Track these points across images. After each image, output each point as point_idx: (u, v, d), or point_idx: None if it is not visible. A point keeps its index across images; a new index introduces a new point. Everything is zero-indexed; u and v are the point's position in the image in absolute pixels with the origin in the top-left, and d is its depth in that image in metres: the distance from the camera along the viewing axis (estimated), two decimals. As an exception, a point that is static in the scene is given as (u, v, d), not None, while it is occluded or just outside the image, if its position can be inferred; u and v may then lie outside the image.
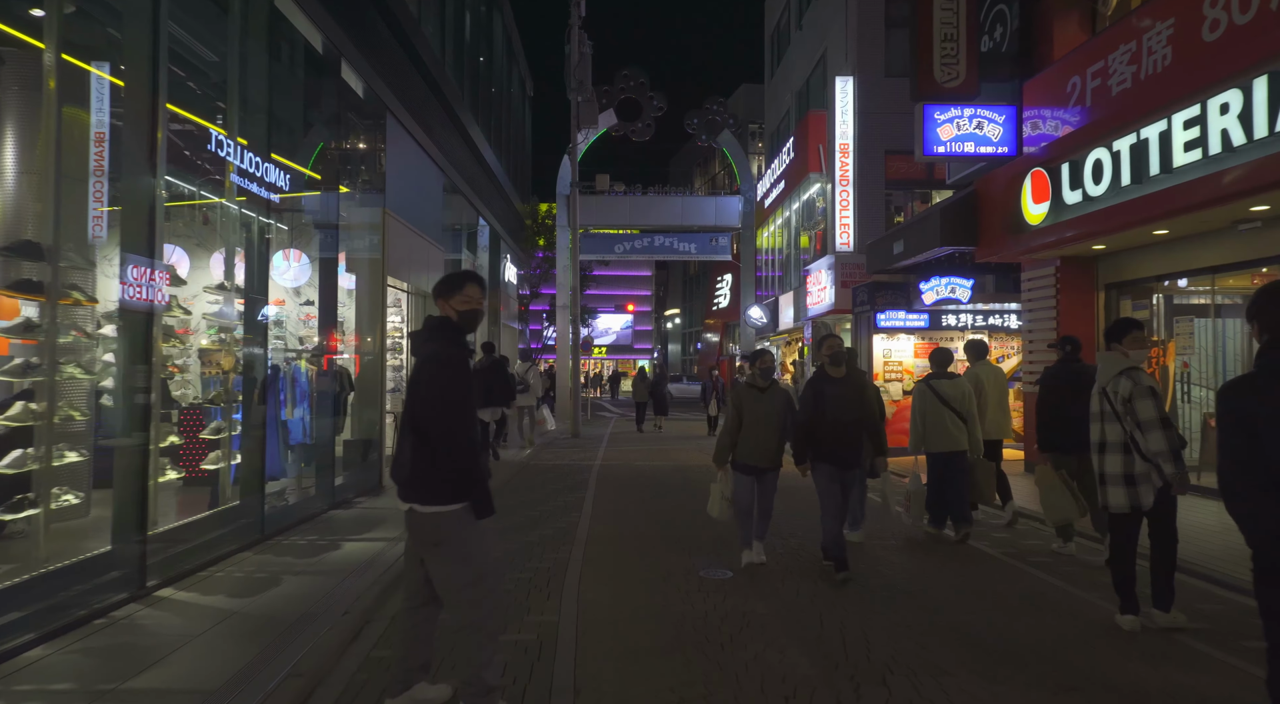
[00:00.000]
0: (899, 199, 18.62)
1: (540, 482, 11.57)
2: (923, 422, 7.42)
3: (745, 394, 6.37)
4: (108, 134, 5.98)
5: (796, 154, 21.35)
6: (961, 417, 7.36)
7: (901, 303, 14.65)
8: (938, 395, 7.39)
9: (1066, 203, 9.53)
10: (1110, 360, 5.00)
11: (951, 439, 7.35)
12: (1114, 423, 4.87)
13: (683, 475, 12.26)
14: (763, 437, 6.29)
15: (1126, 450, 4.82)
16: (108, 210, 6.01)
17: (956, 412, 7.34)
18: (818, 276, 19.10)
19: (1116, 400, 4.84)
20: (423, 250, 12.83)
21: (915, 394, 7.62)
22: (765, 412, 6.29)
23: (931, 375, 7.64)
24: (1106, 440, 4.89)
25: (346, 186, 9.46)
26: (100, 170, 6.01)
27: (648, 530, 7.96)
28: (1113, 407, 4.87)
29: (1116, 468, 4.83)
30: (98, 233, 6.05)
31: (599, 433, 20.86)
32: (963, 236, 11.90)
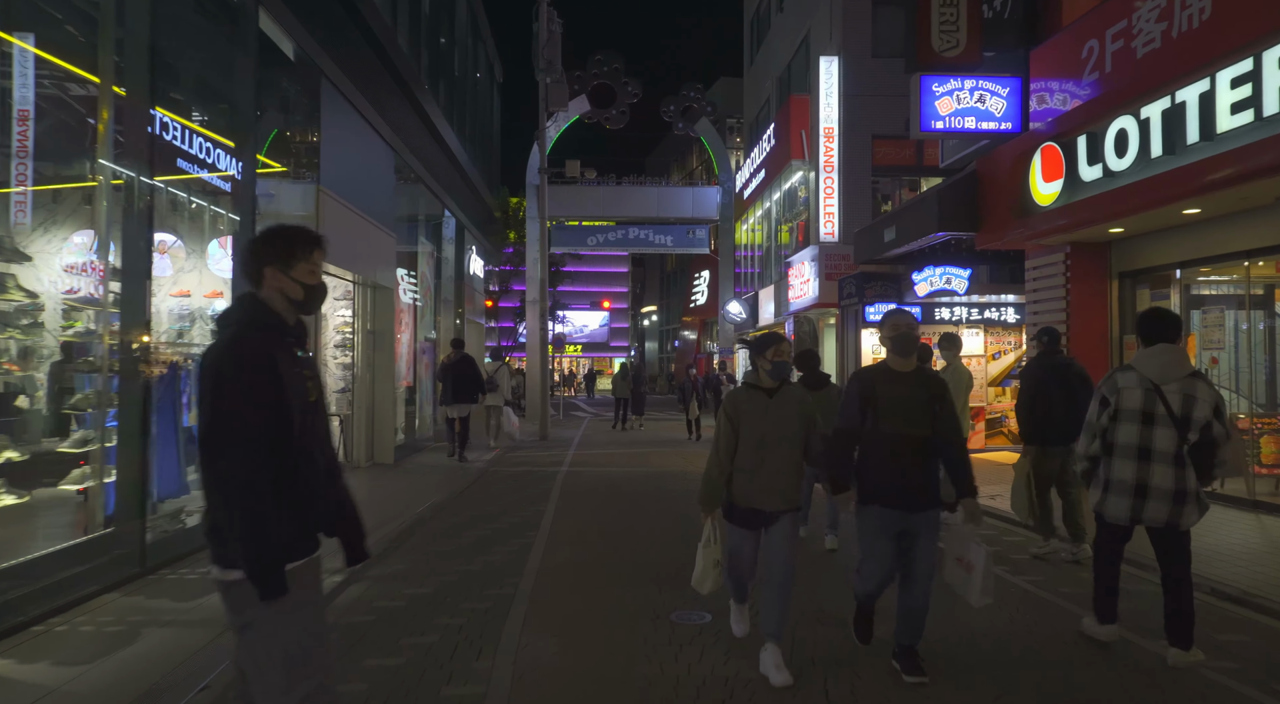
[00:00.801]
0: (886, 187, 17.65)
1: (497, 492, 10.42)
2: None
3: (744, 400, 4.12)
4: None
5: (777, 141, 20.33)
6: None
7: (892, 295, 13.64)
8: None
9: (1083, 180, 8.53)
10: (1179, 357, 4.27)
11: None
12: (1169, 428, 4.15)
13: (656, 484, 11.15)
14: (774, 464, 4.05)
15: (1179, 463, 4.14)
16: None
17: None
18: (800, 269, 18.08)
19: (1185, 405, 4.14)
20: (371, 238, 11.61)
21: None
22: (776, 425, 4.05)
23: None
24: (1153, 448, 4.18)
25: (268, 158, 8.25)
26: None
27: (613, 555, 6.83)
28: (1169, 410, 4.15)
29: (1167, 482, 4.14)
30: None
31: (569, 435, 19.71)
32: (962, 221, 10.88)
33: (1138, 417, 4.19)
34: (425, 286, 15.56)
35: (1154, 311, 4.42)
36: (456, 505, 9.37)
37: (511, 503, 9.54)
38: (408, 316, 14.05)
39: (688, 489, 10.53)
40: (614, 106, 25.05)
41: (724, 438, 4.13)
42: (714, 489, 4.15)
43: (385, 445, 12.68)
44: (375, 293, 12.67)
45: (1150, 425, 4.17)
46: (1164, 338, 4.28)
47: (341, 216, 10.20)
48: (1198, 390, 4.13)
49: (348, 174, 10.78)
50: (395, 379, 13.04)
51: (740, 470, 4.09)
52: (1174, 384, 4.16)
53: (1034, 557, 6.58)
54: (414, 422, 14.73)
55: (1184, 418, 4.11)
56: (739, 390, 4.22)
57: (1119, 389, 4.27)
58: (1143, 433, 4.18)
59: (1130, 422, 4.21)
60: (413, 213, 15.35)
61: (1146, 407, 4.18)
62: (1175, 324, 4.36)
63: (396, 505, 8.92)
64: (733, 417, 4.12)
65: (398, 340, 13.24)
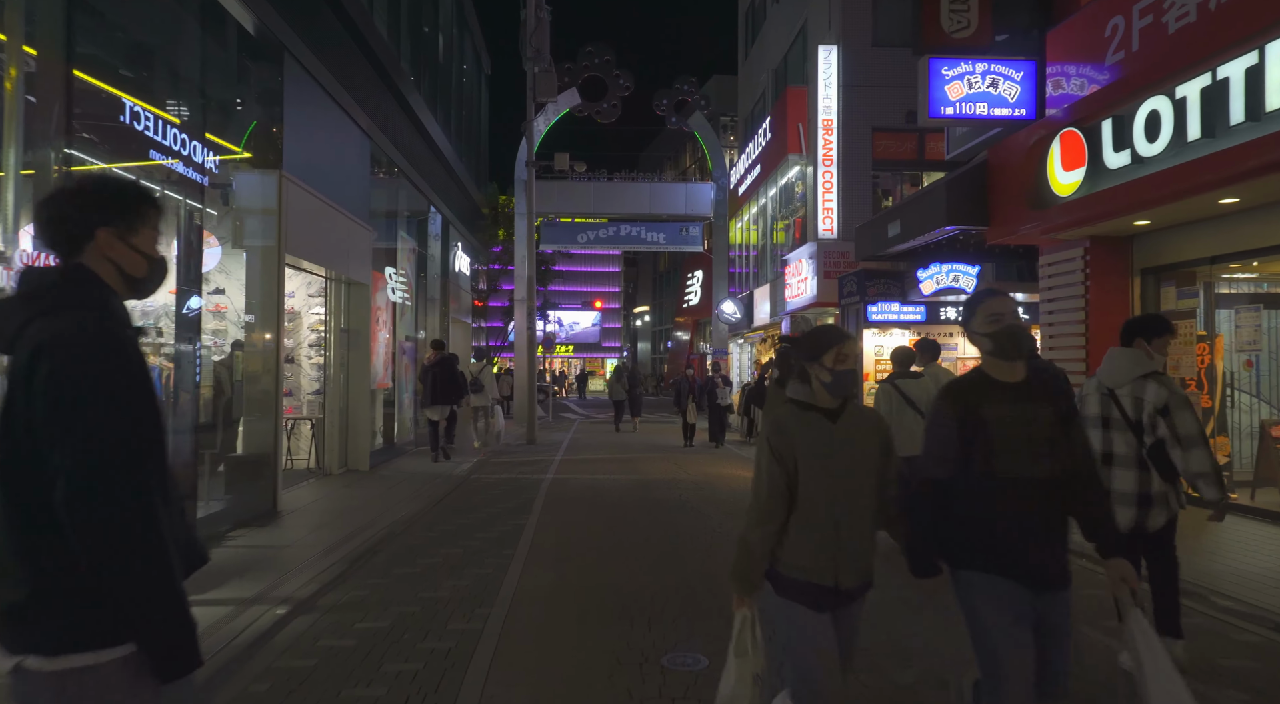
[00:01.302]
0: (886, 182, 17.02)
1: (477, 502, 9.72)
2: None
3: (796, 425, 2.73)
4: None
5: (774, 135, 19.67)
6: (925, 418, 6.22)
7: (895, 293, 13.00)
8: (903, 395, 6.89)
9: (1108, 167, 7.88)
10: (1130, 358, 4.21)
11: (915, 441, 6.51)
12: (1125, 432, 4.11)
13: (646, 494, 10.47)
14: (850, 518, 2.68)
15: (1142, 466, 4.07)
16: None
17: (921, 413, 6.82)
18: (797, 267, 17.43)
19: (1136, 407, 4.07)
20: (344, 231, 10.90)
21: (879, 394, 7.16)
22: (849, 463, 2.70)
23: (894, 374, 7.14)
24: (1114, 453, 4.14)
25: (222, 140, 7.54)
26: None
27: (597, 579, 6.15)
28: (1124, 413, 4.10)
29: (1129, 485, 4.08)
30: None
31: (558, 438, 19.02)
32: (972, 214, 10.23)
33: (1097, 423, 4.18)
34: (406, 284, 14.85)
35: (1138, 317, 4.41)
36: (431, 518, 8.67)
37: (490, 515, 8.84)
38: (386, 315, 13.35)
39: (680, 499, 9.85)
40: (605, 99, 24.34)
41: (770, 481, 2.67)
42: (753, 560, 2.70)
43: (360, 451, 11.97)
44: (350, 289, 11.96)
45: (1108, 430, 4.15)
46: (1124, 342, 4.28)
47: (309, 206, 9.50)
48: (1146, 392, 4.05)
49: (317, 162, 10.07)
50: (371, 380, 12.34)
51: (803, 528, 2.67)
52: (1126, 387, 4.12)
53: None
54: (393, 425, 14.02)
55: (1137, 421, 4.06)
56: (785, 412, 2.78)
57: (1083, 396, 4.27)
58: (1103, 438, 4.15)
59: (1091, 428, 4.17)
60: (395, 208, 14.65)
61: (1103, 412, 4.17)
62: (1139, 327, 4.31)
63: (366, 517, 8.22)
64: (781, 451, 2.67)
65: (374, 340, 12.54)
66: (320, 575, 5.94)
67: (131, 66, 6.54)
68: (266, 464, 8.43)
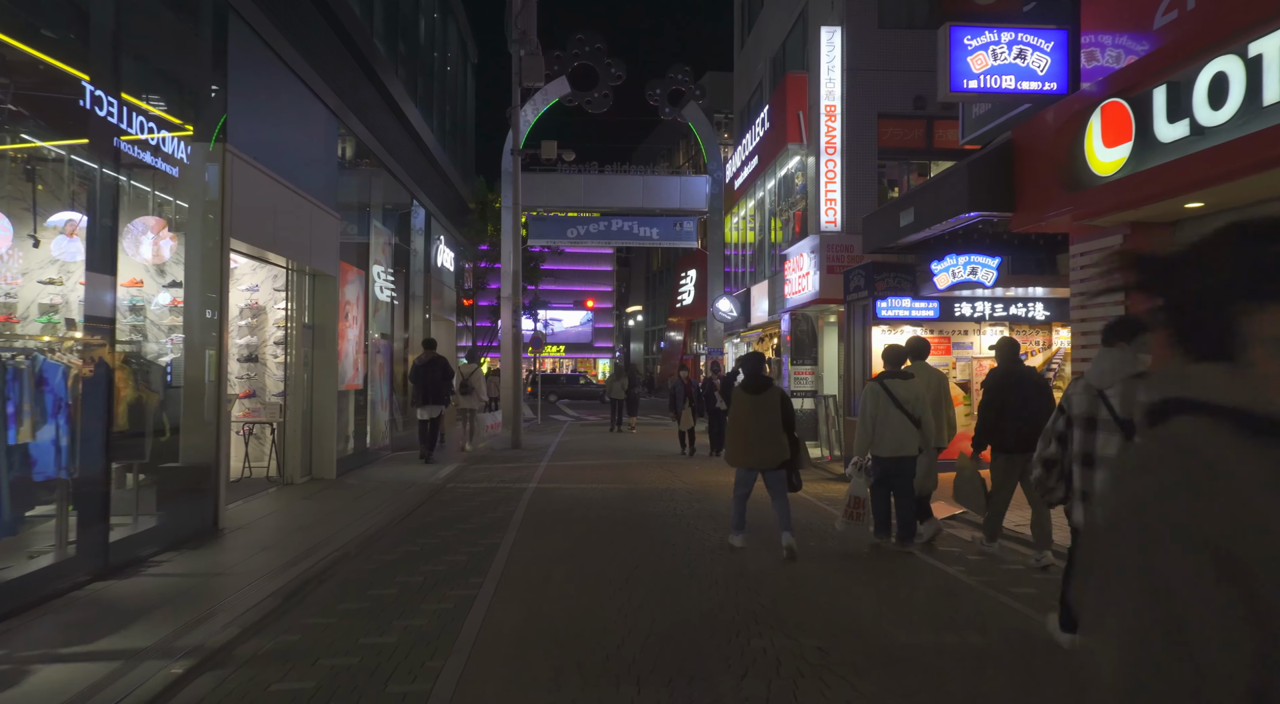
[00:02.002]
0: (893, 172, 16.10)
1: (450, 516, 8.75)
2: (873, 423, 6.92)
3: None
4: None
5: (772, 124, 18.75)
6: (914, 419, 6.87)
7: (907, 288, 12.07)
8: (890, 395, 6.89)
9: (1161, 140, 6.96)
10: (1118, 359, 4.19)
11: (902, 442, 6.86)
12: (1114, 433, 4.06)
13: (637, 507, 9.51)
14: None
15: None
16: None
17: (908, 414, 6.85)
18: (798, 261, 16.50)
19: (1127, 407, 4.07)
20: (305, 216, 9.91)
21: (866, 393, 7.15)
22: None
23: (884, 374, 7.14)
24: (1096, 454, 4.12)
25: (143, 102, 6.55)
26: None
27: (578, 620, 5.19)
28: (1114, 414, 4.09)
29: None
30: None
31: (545, 442, 18.04)
32: (996, 199, 9.31)
33: (1084, 423, 4.19)
34: (382, 278, 13.86)
35: (1116, 319, 4.39)
36: (395, 535, 7.69)
37: (463, 532, 7.87)
38: (356, 310, 12.36)
39: (675, 514, 8.89)
40: (596, 89, 23.39)
41: None
42: None
43: (325, 457, 10.98)
44: (315, 282, 10.98)
45: (1093, 431, 4.15)
46: (1119, 339, 4.25)
47: (261, 187, 8.51)
48: (1139, 391, 3.97)
49: (273, 139, 9.09)
50: (339, 381, 11.35)
51: None
52: (1116, 387, 4.12)
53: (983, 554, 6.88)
54: (365, 429, 13.03)
55: (1128, 420, 4.03)
56: None
57: (1069, 396, 4.31)
58: (1086, 439, 4.17)
59: (1078, 428, 4.22)
60: (371, 198, 13.66)
61: (1090, 412, 4.18)
62: (1122, 328, 4.27)
63: (320, 535, 7.24)
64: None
65: (343, 337, 11.55)
66: (247, 614, 4.96)
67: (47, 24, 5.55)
68: (207, 476, 7.44)
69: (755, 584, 5.93)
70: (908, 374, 7.06)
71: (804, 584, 5.99)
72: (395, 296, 15.68)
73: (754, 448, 6.84)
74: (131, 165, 6.31)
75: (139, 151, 6.33)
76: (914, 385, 6.95)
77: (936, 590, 5.83)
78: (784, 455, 6.82)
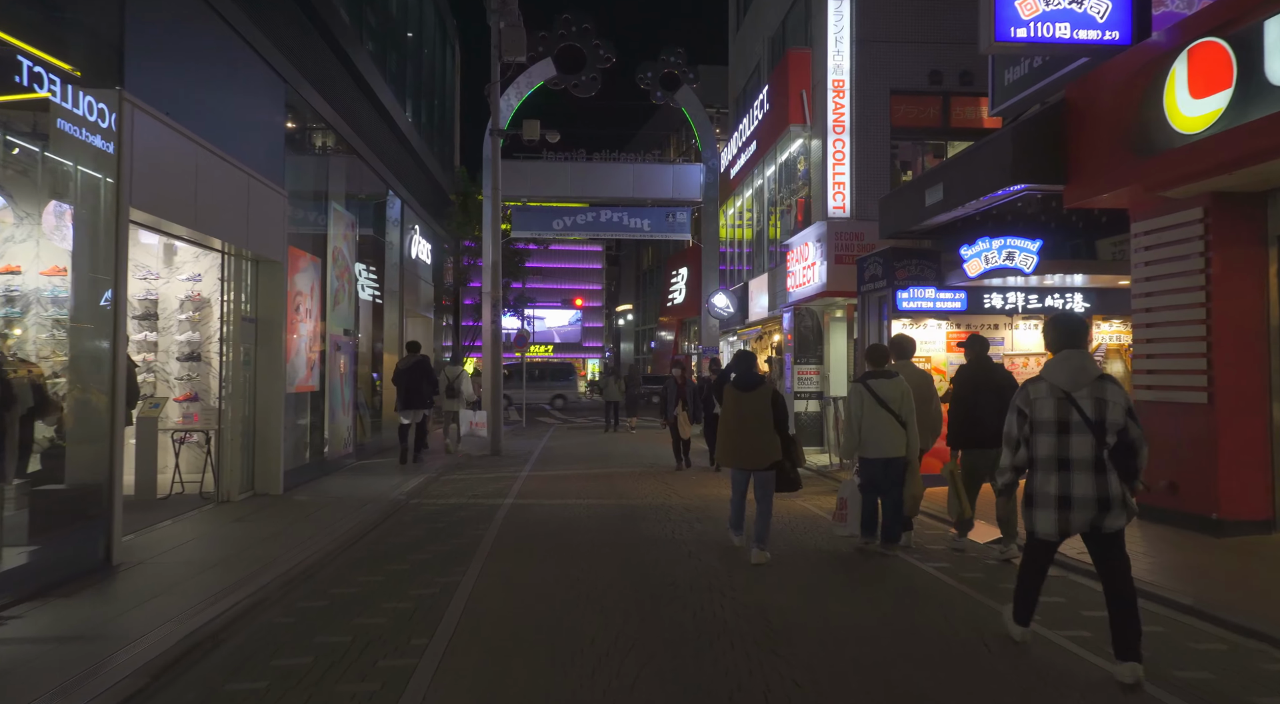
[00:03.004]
0: (906, 152, 14.80)
1: (407, 541, 7.37)
2: (858, 425, 6.79)
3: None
4: None
5: (772, 105, 17.42)
6: (900, 419, 6.72)
7: (930, 277, 10.75)
8: (875, 396, 6.74)
9: (1273, 83, 5.67)
10: (1085, 360, 4.25)
11: (890, 444, 6.72)
12: (1085, 434, 4.09)
13: (629, 527, 8.16)
14: None
15: (1099, 468, 4.07)
16: None
17: (894, 414, 6.71)
18: (802, 251, 15.18)
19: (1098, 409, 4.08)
20: (241, 190, 8.52)
21: (850, 393, 7.04)
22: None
23: (868, 373, 6.98)
24: (1072, 457, 4.10)
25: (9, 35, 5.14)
26: None
27: (553, 682, 3.83)
28: (1085, 416, 4.09)
29: (1088, 489, 4.05)
30: None
31: (528, 448, 16.66)
32: (1045, 169, 8.02)
33: (1053, 427, 4.19)
34: (342, 266, 12.46)
35: (1059, 317, 4.44)
36: (334, 570, 6.32)
37: (418, 565, 6.50)
38: (311, 302, 10.96)
39: (673, 539, 7.53)
40: (583, 72, 22.03)
41: None
42: None
43: (270, 470, 9.58)
44: (259, 268, 9.58)
45: (1066, 434, 4.15)
46: (1071, 344, 4.31)
47: (176, 150, 7.11)
48: (1108, 393, 4.12)
49: (197, 97, 7.70)
50: (288, 382, 9.96)
51: None
52: (1085, 389, 4.15)
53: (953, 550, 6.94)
54: (323, 436, 11.62)
55: (1099, 422, 4.10)
56: None
57: (1031, 401, 4.29)
58: (1059, 443, 4.17)
59: (1046, 433, 4.21)
60: (334, 180, 12.27)
61: (1061, 416, 4.18)
62: (1083, 330, 4.44)
63: (240, 571, 5.86)
64: None
65: (292, 332, 10.16)
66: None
67: None
68: (97, 498, 6.04)
69: (786, 642, 4.58)
70: (892, 373, 6.89)
71: (866, 651, 4.64)
72: (374, 292, 14.28)
73: (744, 448, 6.69)
74: None
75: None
76: (898, 384, 6.80)
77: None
78: (774, 456, 6.65)
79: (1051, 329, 4.39)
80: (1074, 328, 4.36)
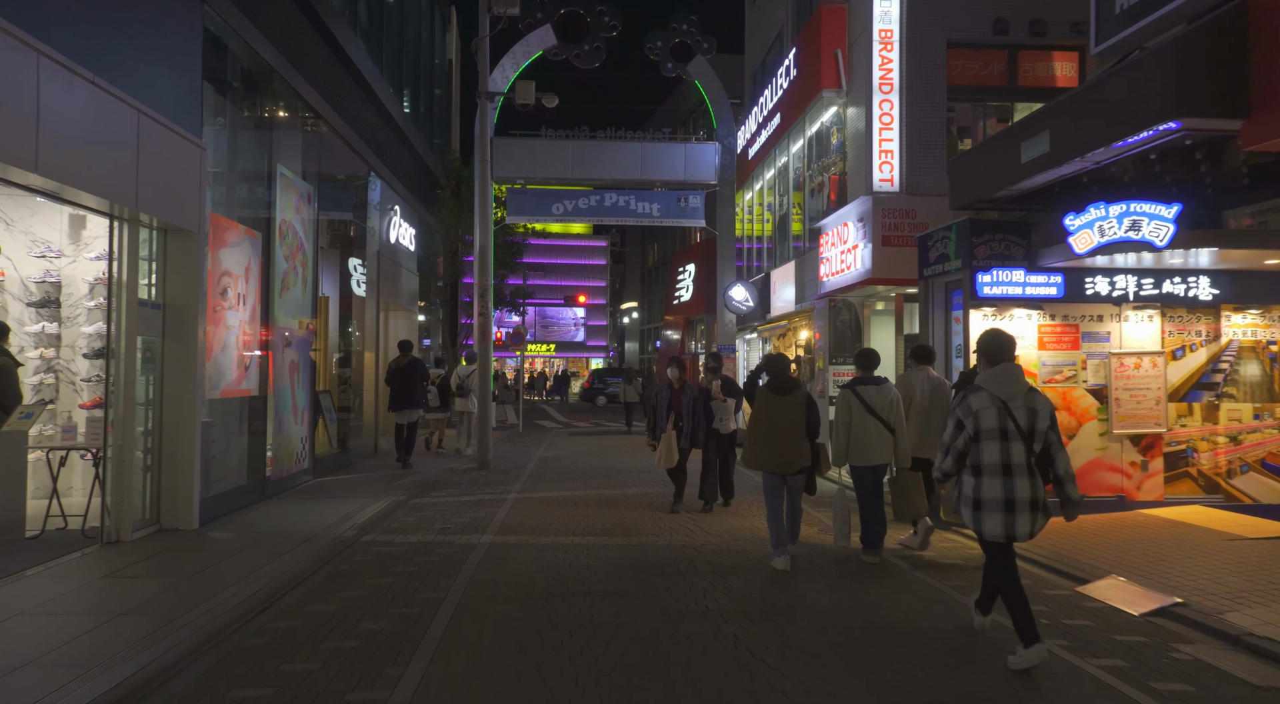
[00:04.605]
0: (963, 116, 12.64)
1: (329, 615, 5.23)
2: (846, 432, 6.72)
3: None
4: None
5: (801, 70, 15.28)
6: (888, 426, 6.67)
7: (1018, 255, 8.58)
8: (863, 402, 6.64)
9: None
10: (1020, 373, 4.59)
11: (876, 451, 6.66)
12: (1019, 442, 4.42)
13: (644, 590, 6.01)
14: None
15: (1032, 473, 4.43)
16: None
17: (883, 421, 6.65)
18: (839, 233, 13.02)
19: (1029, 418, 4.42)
20: (116, 126, 6.38)
21: (838, 401, 6.84)
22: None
23: (856, 380, 6.85)
24: (1012, 462, 4.40)
25: None
26: None
27: None
28: (1018, 425, 4.42)
29: (1025, 492, 4.39)
30: None
31: (521, 458, 14.52)
32: (1218, 99, 5.86)
33: (996, 434, 4.40)
34: (293, 245, 10.33)
35: (992, 334, 4.72)
36: (199, 670, 4.18)
37: (335, 659, 4.36)
38: (247, 286, 8.83)
39: (708, 610, 5.36)
40: (586, 41, 19.88)
41: None
42: None
43: (180, 498, 7.47)
44: (166, 240, 7.47)
45: (1006, 441, 4.39)
46: (1006, 358, 4.62)
47: (14, 60, 4.98)
48: (1037, 403, 4.44)
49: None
50: (207, 385, 7.85)
51: None
52: (1019, 400, 4.43)
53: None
54: (262, 452, 9.48)
55: (1029, 430, 4.40)
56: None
57: (974, 411, 4.48)
58: (1002, 449, 4.39)
59: (991, 440, 4.42)
60: (283, 140, 10.15)
61: (1001, 424, 4.41)
62: (1013, 345, 4.73)
63: (60, 673, 3.72)
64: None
65: (216, 322, 8.04)
66: None
67: None
68: None
69: None
70: (881, 380, 6.86)
71: None
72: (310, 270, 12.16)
73: (781, 451, 6.61)
74: None
75: None
76: (888, 391, 6.79)
77: None
78: (807, 460, 6.70)
79: (989, 345, 4.68)
80: (1007, 344, 4.70)
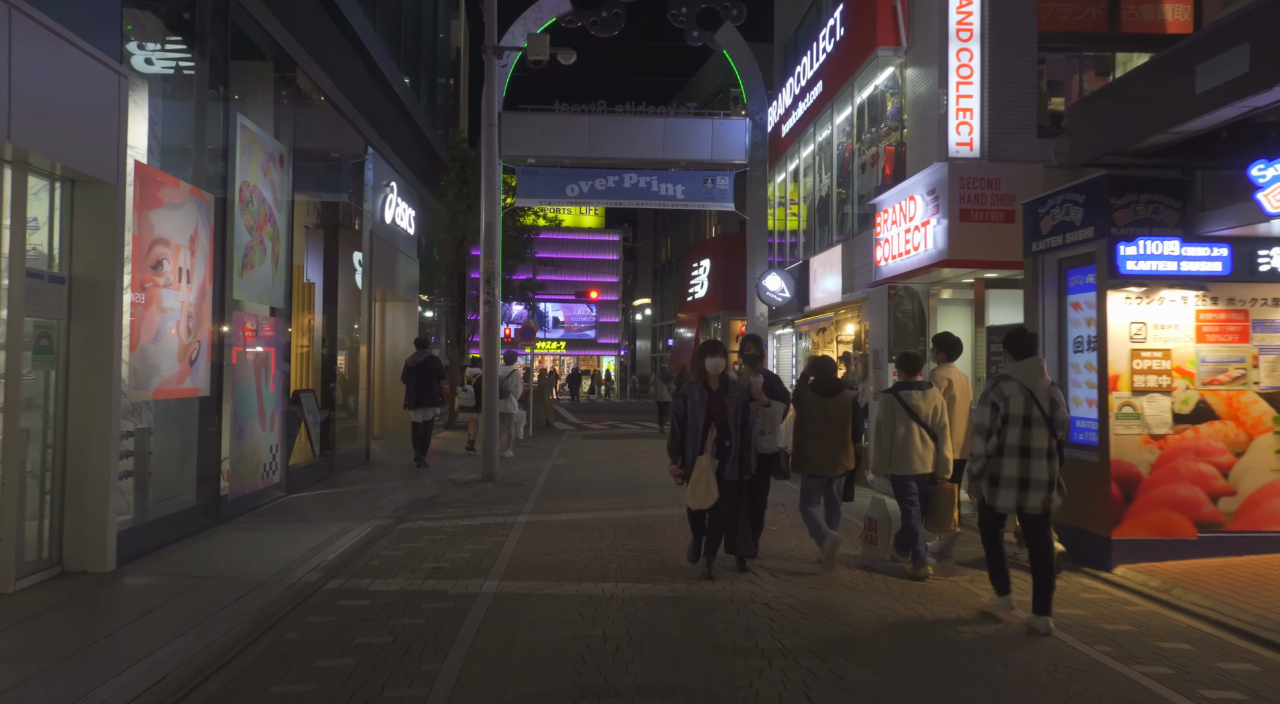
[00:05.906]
0: (1055, 69, 10.78)
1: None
2: (890, 439, 6.45)
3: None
4: None
5: (849, 28, 13.45)
6: (931, 433, 6.45)
7: (1172, 221, 6.71)
8: (906, 408, 6.40)
9: None
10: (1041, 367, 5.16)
11: (920, 460, 6.42)
12: (1043, 428, 5.01)
13: (700, 661, 4.20)
14: None
15: (1051, 456, 5.02)
16: None
17: (926, 427, 6.43)
18: (903, 209, 11.17)
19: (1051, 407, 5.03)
20: (38, 53, 4.60)
21: (881, 406, 6.62)
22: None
23: (899, 384, 6.65)
24: (1033, 446, 5.01)
25: None
26: None
27: None
28: (1043, 412, 5.01)
29: (1044, 473, 5.00)
30: None
31: (531, 469, 12.72)
32: None
33: (1020, 420, 5.01)
34: (258, 214, 8.54)
35: (1019, 331, 5.49)
36: None
37: None
38: (190, 258, 7.03)
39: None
40: (603, 6, 18.08)
41: None
42: None
43: (89, 531, 5.69)
44: (74, 193, 5.70)
45: (1029, 427, 5.00)
46: (1032, 353, 5.22)
47: None
48: (1056, 395, 5.09)
49: None
50: (132, 382, 6.07)
51: None
52: (1043, 391, 5.04)
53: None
54: (216, 466, 7.69)
55: (1052, 418, 5.02)
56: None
57: (1006, 397, 5.06)
58: (1024, 434, 5.00)
59: (1015, 425, 5.02)
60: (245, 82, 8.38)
61: (1026, 411, 5.01)
62: (1036, 341, 5.48)
63: None
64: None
65: (148, 303, 6.27)
66: None
67: None
68: None
69: None
70: (925, 384, 6.60)
71: None
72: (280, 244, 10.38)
73: (831, 453, 6.56)
74: None
75: None
76: (933, 396, 6.54)
77: None
78: (853, 463, 6.68)
79: (1015, 341, 5.29)
80: (1032, 341, 5.33)
